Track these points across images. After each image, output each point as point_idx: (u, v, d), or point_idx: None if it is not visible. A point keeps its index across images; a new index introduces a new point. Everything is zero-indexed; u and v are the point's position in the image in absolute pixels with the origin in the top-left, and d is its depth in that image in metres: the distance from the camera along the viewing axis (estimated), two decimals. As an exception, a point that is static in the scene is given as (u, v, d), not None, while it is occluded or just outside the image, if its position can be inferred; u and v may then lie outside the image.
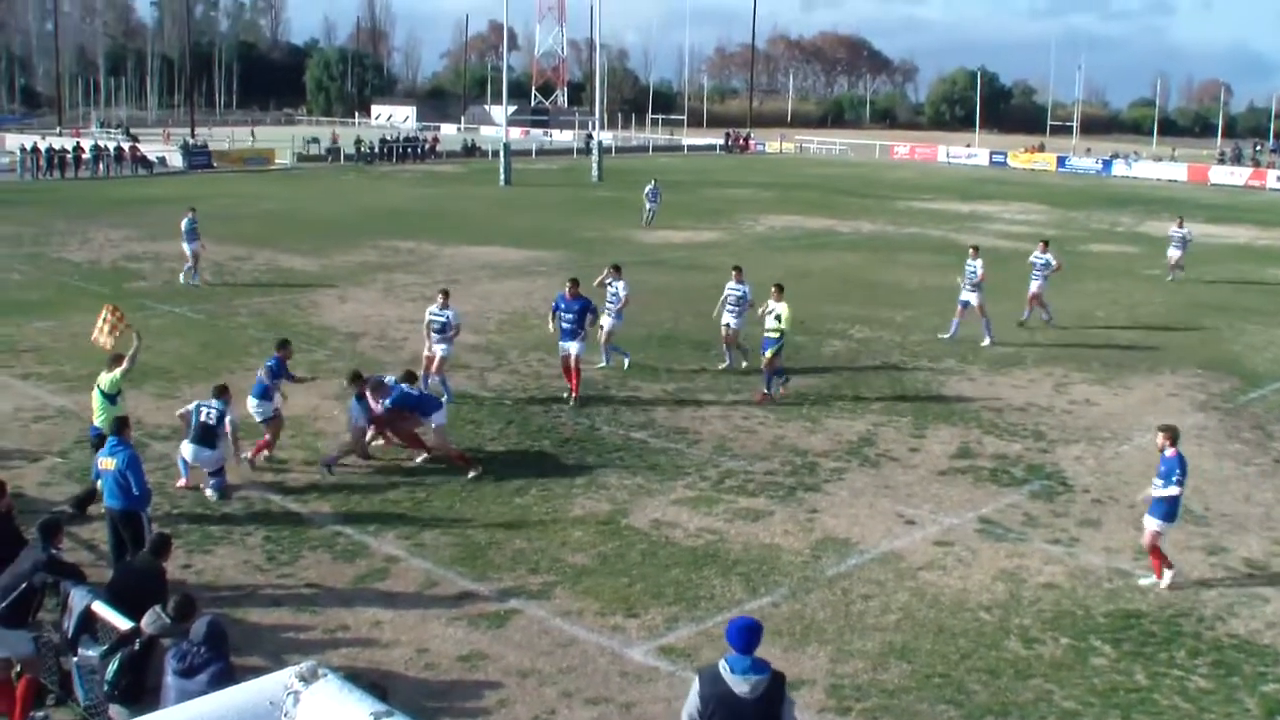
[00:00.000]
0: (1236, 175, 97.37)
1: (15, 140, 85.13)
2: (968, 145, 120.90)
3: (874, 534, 17.14)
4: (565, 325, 23.17)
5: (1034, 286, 32.25)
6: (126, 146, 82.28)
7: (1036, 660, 13.50)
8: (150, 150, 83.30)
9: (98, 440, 16.87)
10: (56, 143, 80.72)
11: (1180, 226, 42.24)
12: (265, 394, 19.73)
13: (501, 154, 75.37)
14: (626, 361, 26.36)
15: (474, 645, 13.49)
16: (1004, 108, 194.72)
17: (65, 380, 24.27)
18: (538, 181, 77.46)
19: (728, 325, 26.21)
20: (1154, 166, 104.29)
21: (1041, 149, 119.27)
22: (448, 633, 13.80)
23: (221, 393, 18.41)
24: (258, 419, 19.68)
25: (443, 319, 23.26)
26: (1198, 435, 22.55)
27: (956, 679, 13.04)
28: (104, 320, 19.97)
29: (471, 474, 19.02)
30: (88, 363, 25.45)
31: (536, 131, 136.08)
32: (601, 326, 25.70)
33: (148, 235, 45.93)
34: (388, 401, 19.36)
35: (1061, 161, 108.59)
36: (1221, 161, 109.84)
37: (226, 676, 9.72)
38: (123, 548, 14.39)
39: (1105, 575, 15.87)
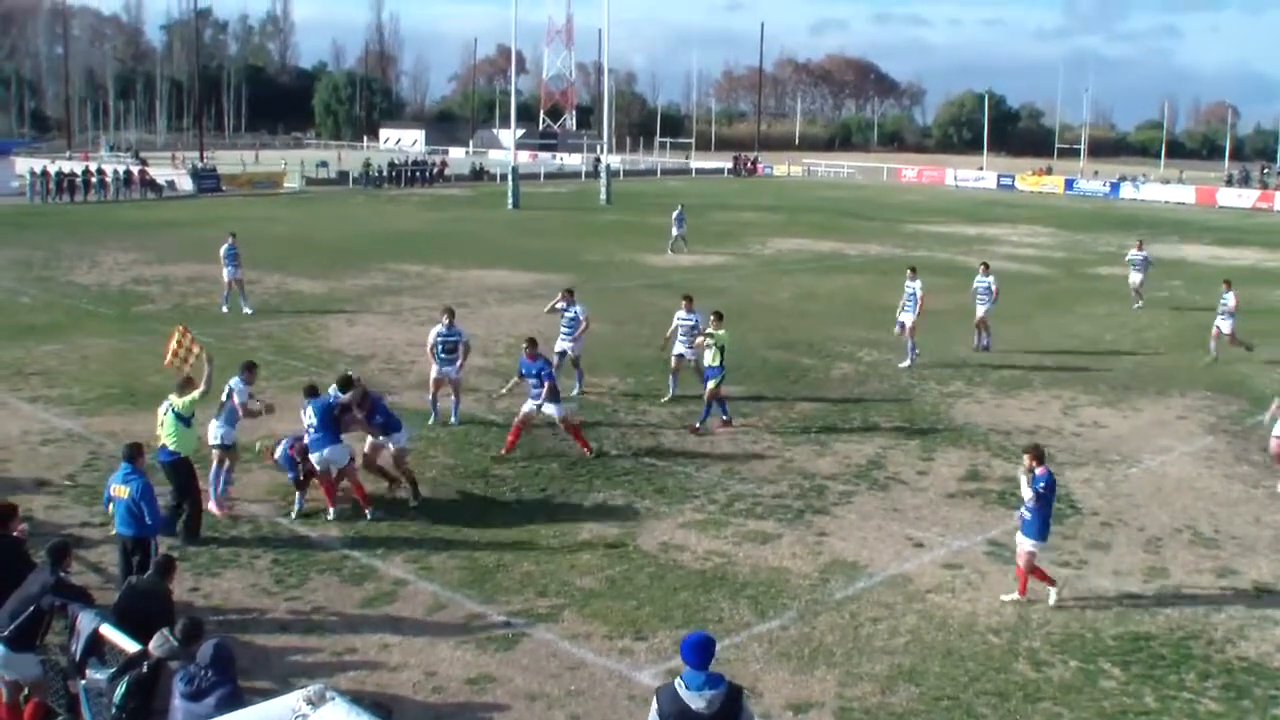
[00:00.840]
0: (1244, 198, 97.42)
1: (25, 163, 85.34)
2: (980, 169, 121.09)
3: (882, 557, 17.11)
4: (533, 388, 21.34)
5: (979, 311, 31.77)
6: (135, 170, 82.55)
7: (1045, 683, 13.46)
8: (159, 174, 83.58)
9: (170, 466, 16.95)
10: (66, 166, 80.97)
11: (1140, 249, 41.00)
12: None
13: (510, 177, 75.56)
14: (575, 390, 25.57)
15: (482, 668, 13.48)
16: (1011, 130, 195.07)
17: (73, 404, 24.30)
18: (546, 205, 77.55)
19: (680, 355, 25.18)
20: (1162, 189, 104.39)
21: (1049, 171, 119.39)
22: (456, 656, 13.78)
23: (246, 369, 18.96)
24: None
25: (455, 338, 23.03)
26: (1207, 457, 22.54)
27: (965, 702, 13.01)
28: (176, 343, 19.30)
29: (413, 503, 18.84)
30: (95, 386, 25.56)
31: (545, 155, 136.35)
32: (562, 353, 25.39)
33: (156, 259, 46.09)
34: (377, 418, 18.91)
35: (1069, 184, 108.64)
36: (1229, 184, 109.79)
37: (234, 700, 9.70)
38: (132, 573, 14.31)
39: (1114, 598, 15.83)
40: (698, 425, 23.18)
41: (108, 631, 11.25)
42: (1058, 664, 13.93)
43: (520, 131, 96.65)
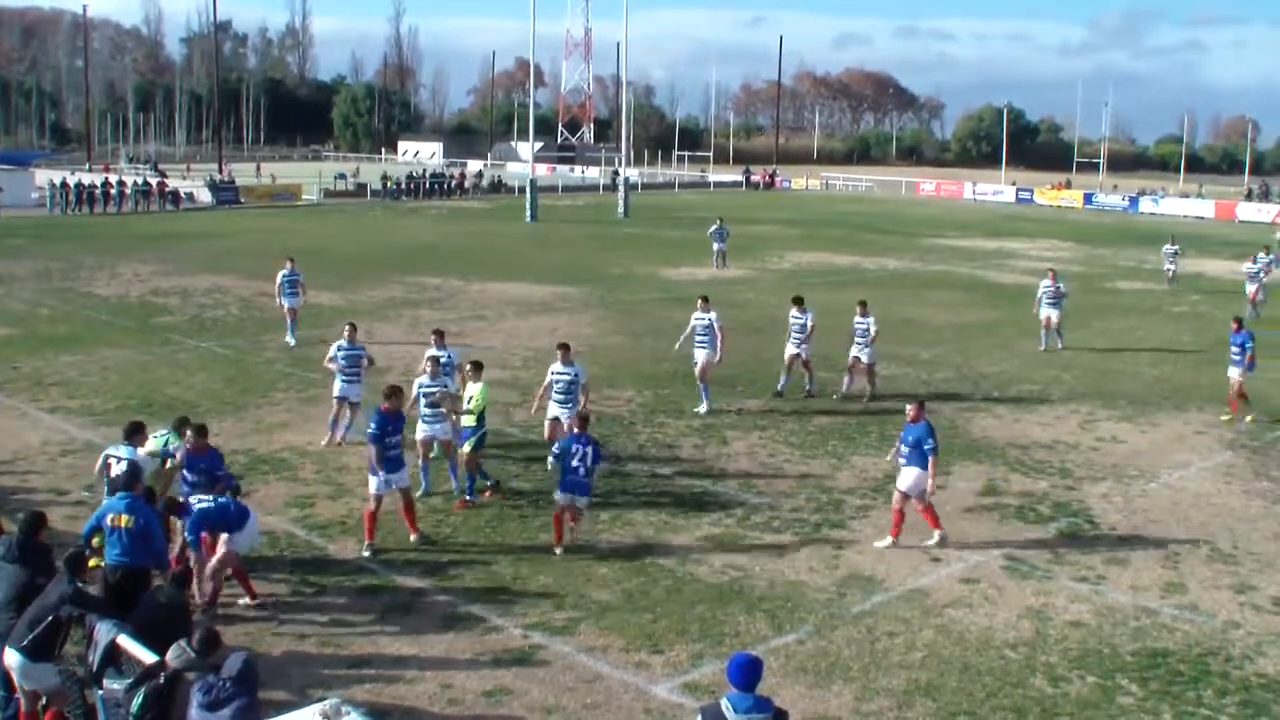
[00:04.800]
0: (1264, 212, 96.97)
1: (45, 175, 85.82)
2: (1013, 184, 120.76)
3: (899, 571, 17.08)
4: (391, 454, 17.53)
5: (863, 355, 27.71)
6: (154, 182, 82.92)
7: (1063, 699, 13.41)
8: (178, 186, 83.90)
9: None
10: (86, 178, 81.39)
11: (1053, 280, 34.71)
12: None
13: (528, 190, 75.68)
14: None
15: (498, 681, 13.47)
16: (1030, 144, 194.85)
17: (93, 414, 24.39)
18: (564, 218, 77.68)
19: (555, 418, 21.12)
20: (1181, 203, 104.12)
21: (1068, 186, 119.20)
22: (472, 668, 13.78)
23: (134, 432, 16.75)
24: None
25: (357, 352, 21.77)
26: (1226, 473, 22.45)
27: (982, 717, 12.97)
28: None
29: (253, 603, 15.62)
30: (115, 397, 25.65)
31: (563, 168, 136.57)
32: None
33: (175, 270, 46.31)
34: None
35: (1088, 198, 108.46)
36: (1249, 198, 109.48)
37: (251, 712, 9.73)
38: (122, 604, 13.08)
39: (1132, 613, 15.77)
40: (467, 498, 19.58)
41: (125, 642, 11.28)
42: (1075, 680, 13.88)
43: (538, 144, 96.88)
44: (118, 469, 15.83)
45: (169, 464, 16.96)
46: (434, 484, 20.07)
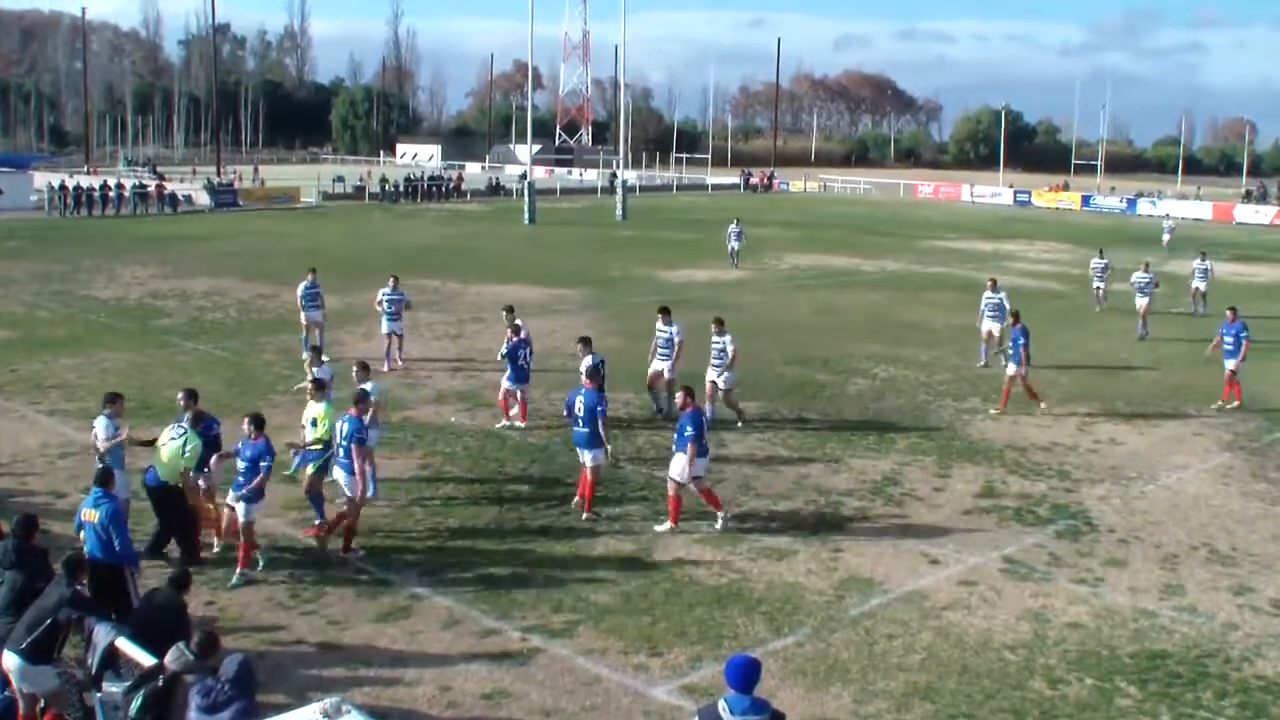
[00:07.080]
0: (1261, 214, 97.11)
1: (44, 178, 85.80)
2: (1010, 186, 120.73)
3: (898, 573, 17.08)
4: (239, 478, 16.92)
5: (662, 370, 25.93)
6: (152, 185, 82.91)
7: (1061, 701, 13.41)
8: (177, 188, 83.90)
9: (154, 490, 16.81)
10: (84, 181, 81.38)
11: (995, 290, 31.61)
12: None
13: (526, 192, 75.64)
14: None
15: (497, 683, 13.47)
16: (1028, 146, 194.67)
17: (91, 417, 24.14)
18: (562, 220, 77.64)
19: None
20: (1179, 205, 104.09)
21: (1066, 187, 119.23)
22: (470, 670, 13.77)
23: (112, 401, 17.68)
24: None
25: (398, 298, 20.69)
26: (1224, 474, 22.44)
27: (981, 719, 12.97)
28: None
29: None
30: (114, 399, 25.57)
31: (561, 170, 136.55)
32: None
33: (173, 273, 46.28)
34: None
35: (1086, 200, 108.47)
36: (1247, 200, 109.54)
37: (250, 714, 9.73)
38: (105, 599, 13.26)
39: (1131, 615, 15.77)
40: (318, 522, 17.91)
41: (124, 645, 11.28)
42: (1074, 682, 13.88)
43: (537, 147, 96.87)
44: (91, 435, 17.61)
45: (184, 465, 16.95)
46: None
